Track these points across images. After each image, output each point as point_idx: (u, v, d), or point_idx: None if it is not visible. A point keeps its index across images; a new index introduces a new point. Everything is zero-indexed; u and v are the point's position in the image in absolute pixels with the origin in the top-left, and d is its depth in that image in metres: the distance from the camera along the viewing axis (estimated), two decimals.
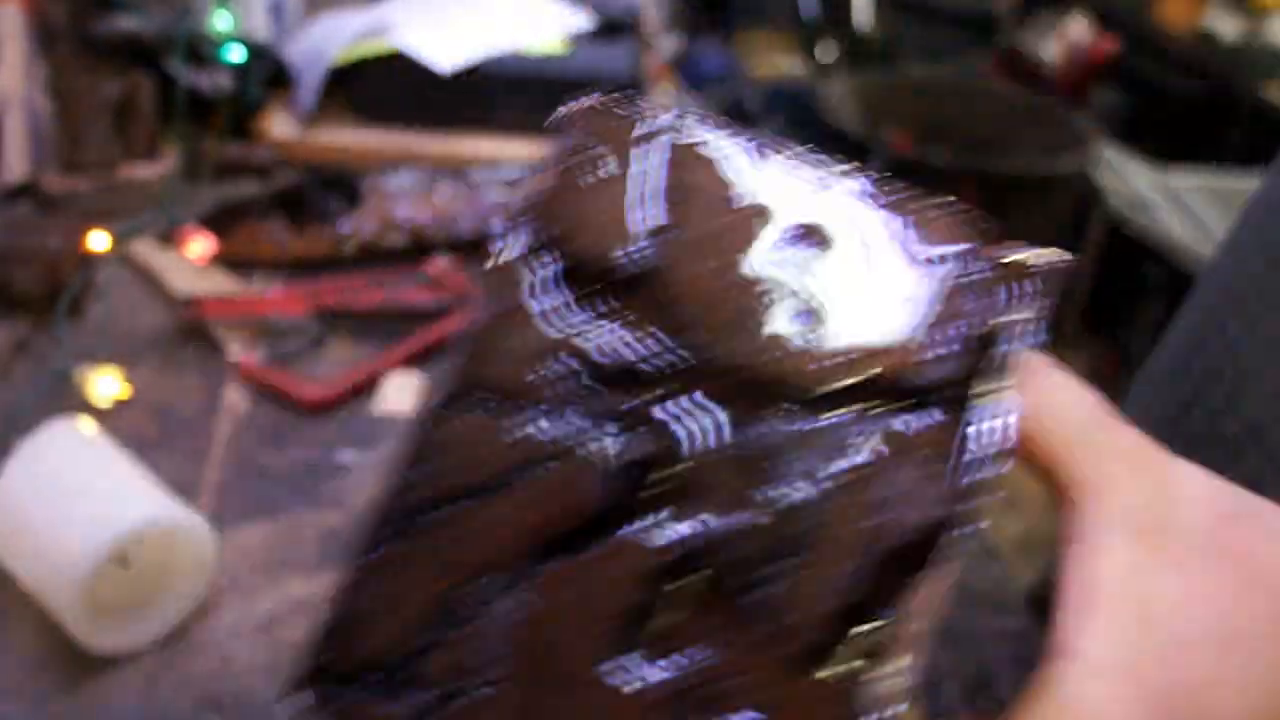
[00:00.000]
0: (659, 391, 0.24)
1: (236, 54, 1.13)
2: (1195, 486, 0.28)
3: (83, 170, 1.03)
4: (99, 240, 0.91)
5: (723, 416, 0.23)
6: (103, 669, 0.61)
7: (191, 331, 0.88)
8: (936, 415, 0.23)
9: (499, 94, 1.16)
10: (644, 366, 0.24)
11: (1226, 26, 2.31)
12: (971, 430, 0.23)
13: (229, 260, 0.96)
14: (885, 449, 0.23)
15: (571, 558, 0.23)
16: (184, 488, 0.69)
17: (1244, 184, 1.91)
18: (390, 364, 0.86)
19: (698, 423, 0.23)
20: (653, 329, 0.24)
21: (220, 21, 1.15)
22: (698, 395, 0.24)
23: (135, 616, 0.63)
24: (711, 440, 0.23)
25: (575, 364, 0.24)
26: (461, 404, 0.25)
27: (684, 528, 0.23)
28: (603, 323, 0.25)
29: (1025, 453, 0.28)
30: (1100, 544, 0.27)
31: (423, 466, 0.25)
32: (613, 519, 0.23)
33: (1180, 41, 2.30)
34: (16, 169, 1.01)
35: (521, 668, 0.22)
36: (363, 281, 0.95)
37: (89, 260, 0.91)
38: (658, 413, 0.24)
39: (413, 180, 1.05)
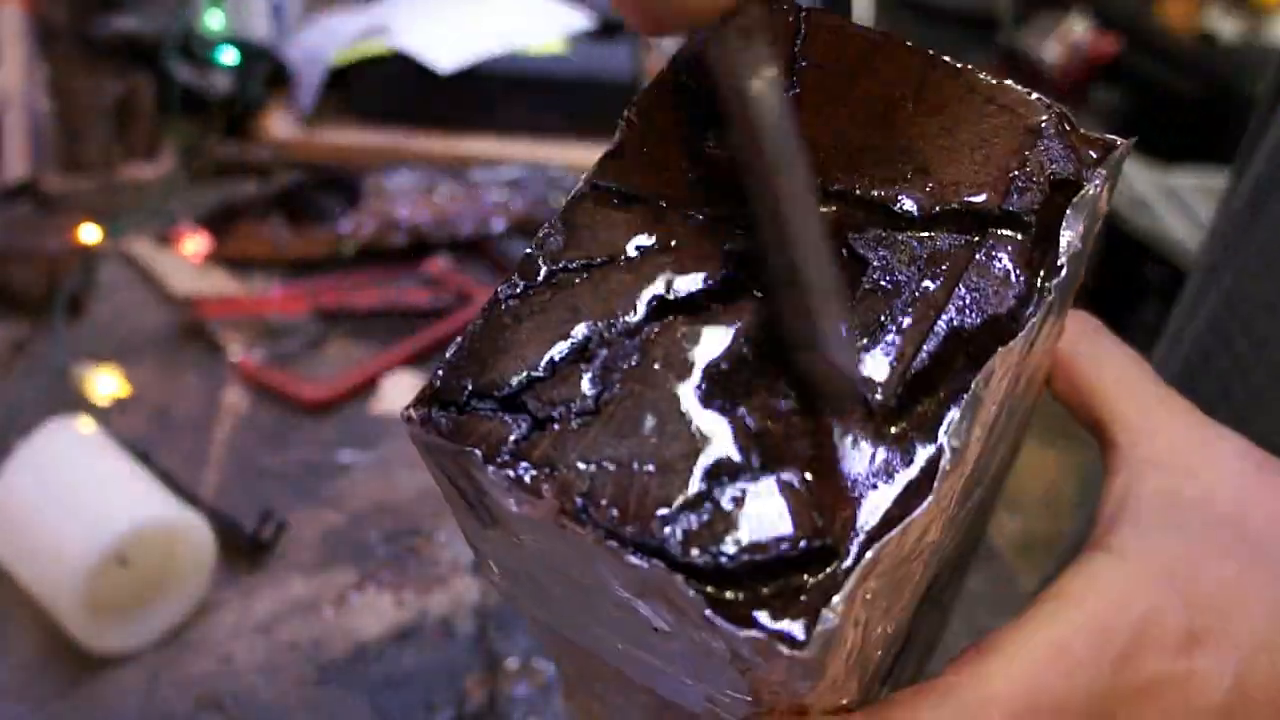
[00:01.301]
0: None
1: (229, 55, 1.13)
2: (1229, 441, 0.31)
3: (83, 170, 1.03)
4: (89, 233, 0.91)
5: (839, 225, 0.28)
6: (103, 669, 0.61)
7: (191, 331, 0.88)
8: (1025, 235, 0.28)
9: (499, 94, 1.16)
10: None
11: (1226, 26, 2.31)
12: (1060, 244, 0.28)
13: (229, 260, 0.96)
14: (979, 254, 0.27)
15: (689, 315, 0.27)
16: (184, 488, 0.69)
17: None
18: (390, 364, 0.86)
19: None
20: None
21: (216, 21, 1.15)
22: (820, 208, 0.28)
23: (135, 616, 0.63)
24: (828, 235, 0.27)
25: (708, 174, 0.29)
26: (605, 196, 0.30)
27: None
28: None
29: (1076, 398, 0.32)
30: (1137, 472, 0.30)
31: (565, 241, 0.29)
32: (722, 294, 0.27)
33: (1180, 41, 2.30)
34: (16, 169, 1.01)
35: (624, 404, 0.26)
36: (363, 281, 0.95)
37: (86, 257, 0.91)
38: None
39: (413, 180, 1.05)
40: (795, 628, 0.23)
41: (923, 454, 0.25)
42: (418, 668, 0.63)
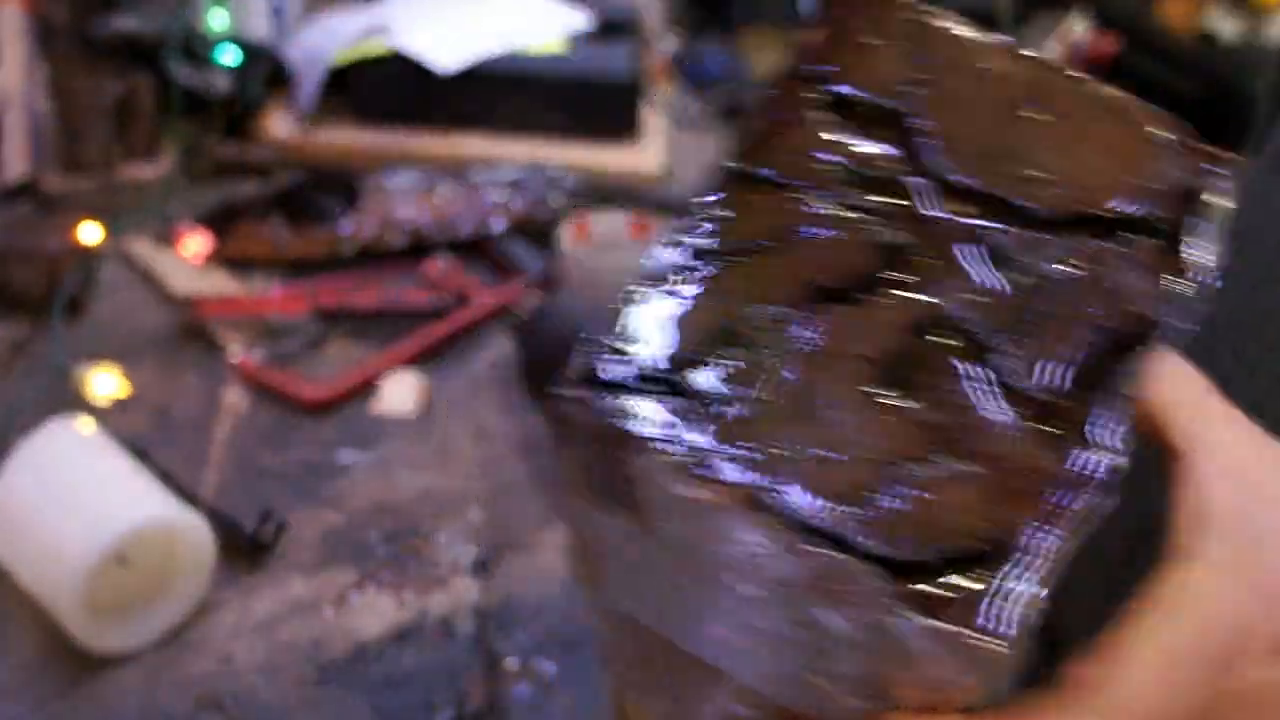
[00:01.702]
0: (917, 196, 0.29)
1: (230, 56, 1.13)
2: None
3: (83, 170, 1.03)
4: (90, 233, 0.91)
5: (974, 220, 0.28)
6: (103, 669, 0.61)
7: (191, 331, 0.88)
8: (1153, 239, 0.28)
9: (499, 94, 1.16)
10: (903, 176, 0.29)
11: (1226, 26, 2.30)
12: (1185, 254, 0.28)
13: (228, 260, 0.96)
14: (1114, 256, 0.28)
15: (848, 303, 0.27)
16: (184, 488, 0.69)
17: None
18: (390, 364, 0.86)
19: (953, 221, 0.28)
20: (914, 152, 0.30)
21: (216, 21, 1.15)
22: (952, 205, 0.29)
23: (135, 616, 0.63)
24: (965, 236, 0.28)
25: (846, 162, 0.30)
26: (747, 180, 0.30)
27: (940, 298, 0.27)
28: (868, 141, 0.30)
29: (1142, 415, 0.32)
30: (1210, 484, 0.30)
31: (713, 224, 0.29)
32: (877, 284, 0.27)
33: (1180, 41, 2.30)
34: (16, 169, 1.01)
35: (793, 386, 0.26)
36: (363, 281, 0.95)
37: (86, 257, 0.90)
38: (919, 208, 0.29)
39: (413, 180, 1.05)
40: (994, 622, 0.23)
41: (1086, 455, 0.25)
42: (418, 668, 0.63)
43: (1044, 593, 0.24)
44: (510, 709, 0.61)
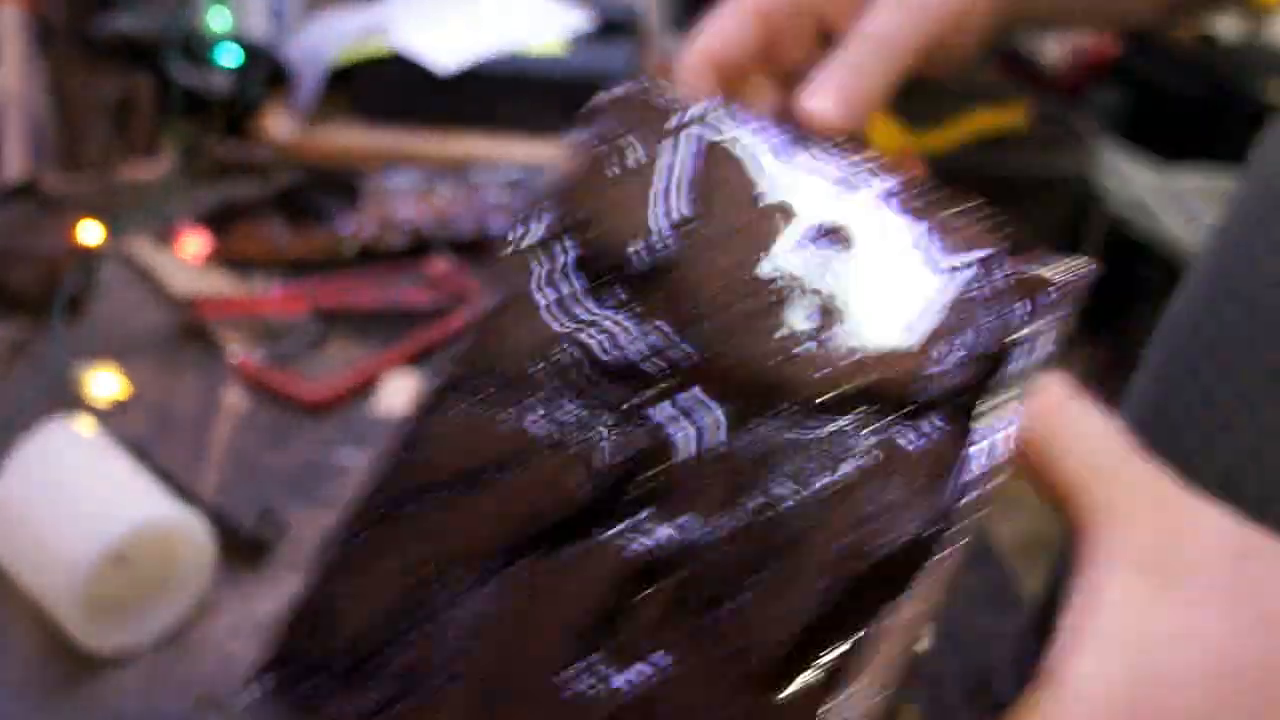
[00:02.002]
0: (660, 388, 0.23)
1: (230, 56, 1.13)
2: (1209, 523, 0.27)
3: (83, 170, 1.03)
4: (90, 232, 0.91)
5: (721, 415, 0.23)
6: (103, 669, 0.61)
7: (191, 331, 0.88)
8: (939, 427, 0.23)
9: (499, 94, 1.16)
10: (647, 365, 0.24)
11: (1226, 26, 2.30)
12: (973, 448, 0.22)
13: (228, 260, 0.96)
14: (879, 461, 0.22)
15: (544, 557, 0.22)
16: (184, 488, 0.69)
17: None
18: (390, 364, 0.86)
19: (694, 421, 0.23)
20: (660, 323, 0.24)
21: (216, 21, 1.15)
22: (698, 392, 0.23)
23: (135, 616, 0.63)
24: (706, 440, 0.23)
25: (578, 356, 0.24)
26: (458, 393, 0.24)
27: (662, 532, 0.22)
28: (611, 314, 0.24)
29: (1043, 481, 0.28)
30: (1105, 577, 0.26)
31: (409, 455, 0.24)
32: (596, 517, 0.23)
33: (1180, 41, 2.30)
34: (16, 169, 1.01)
35: (480, 668, 0.22)
36: (363, 281, 0.95)
37: (86, 257, 0.91)
38: (655, 413, 0.23)
39: (413, 180, 1.05)
40: None
41: None
42: None
43: None
44: None
